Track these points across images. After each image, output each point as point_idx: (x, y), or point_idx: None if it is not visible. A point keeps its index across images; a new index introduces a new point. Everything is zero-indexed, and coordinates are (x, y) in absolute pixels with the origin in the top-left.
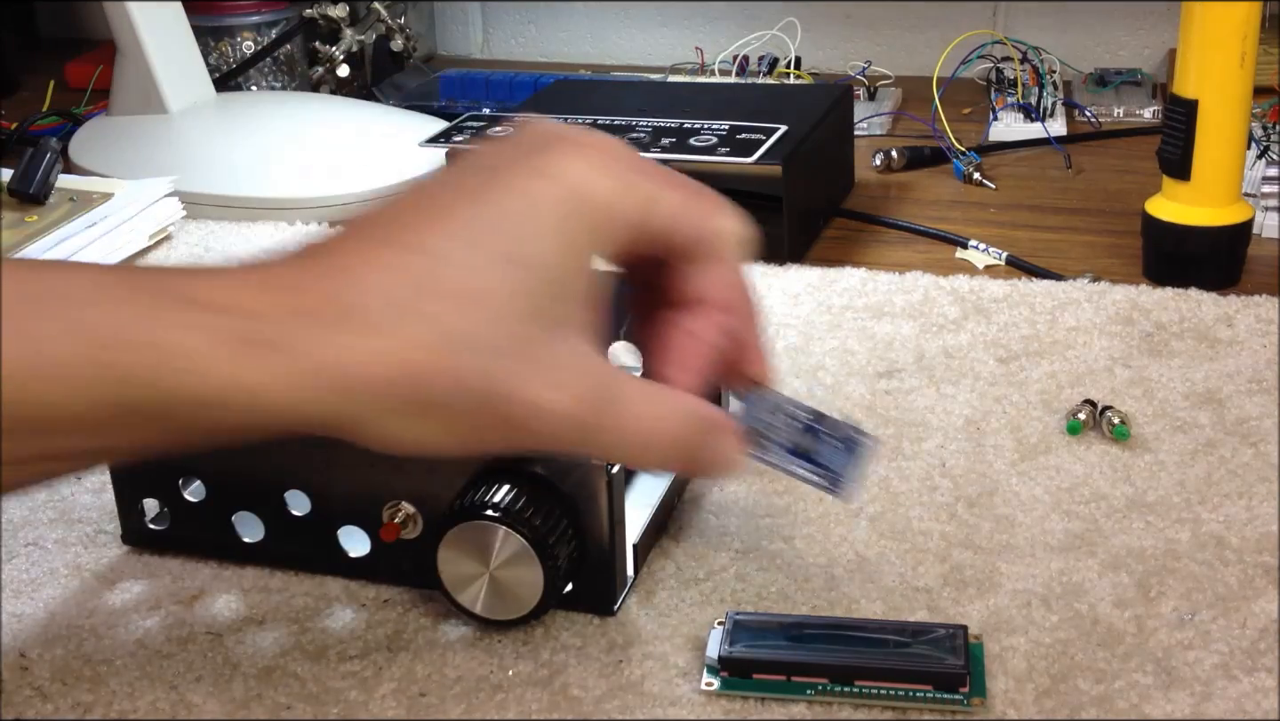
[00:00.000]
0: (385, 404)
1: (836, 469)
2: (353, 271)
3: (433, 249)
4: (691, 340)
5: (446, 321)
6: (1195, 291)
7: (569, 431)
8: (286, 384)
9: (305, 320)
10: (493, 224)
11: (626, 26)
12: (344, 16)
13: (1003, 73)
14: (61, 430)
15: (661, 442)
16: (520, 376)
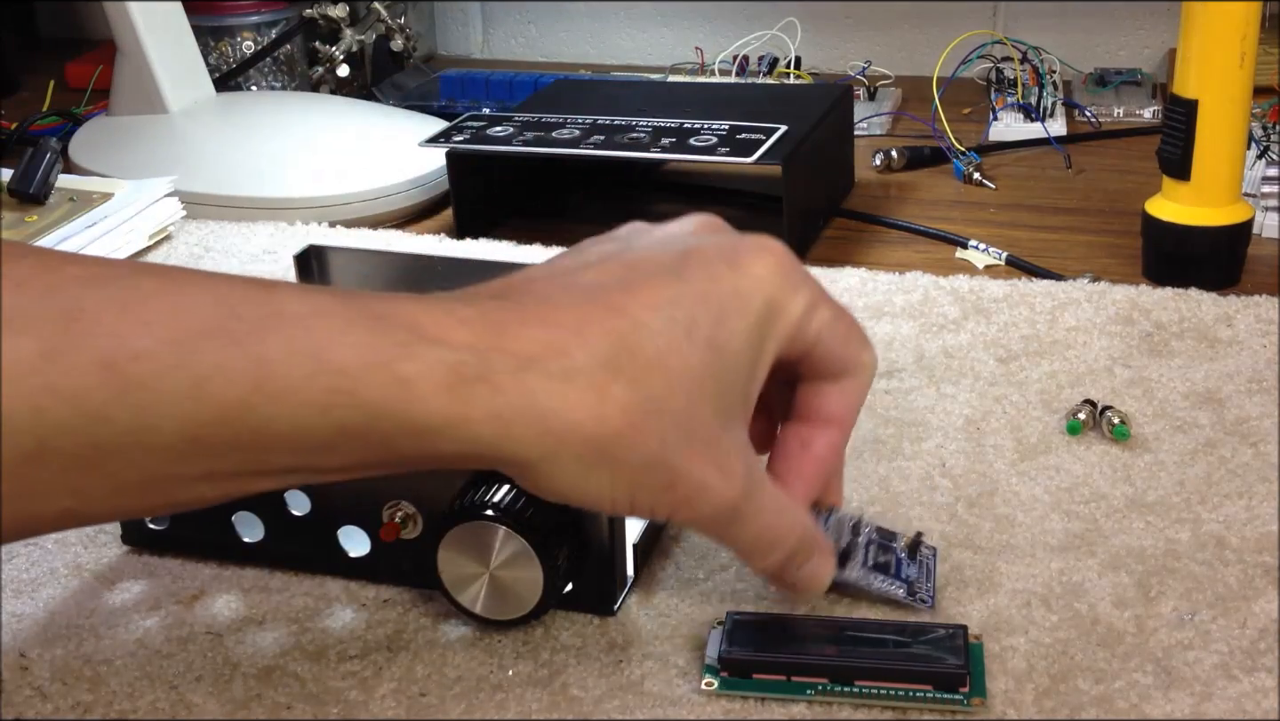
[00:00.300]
0: (571, 450)
1: (911, 579)
2: (562, 323)
3: (636, 315)
4: (812, 457)
5: (646, 388)
6: (1195, 291)
7: (718, 515)
8: (492, 418)
9: (516, 360)
10: (697, 305)
11: (626, 26)
12: (344, 16)
13: (1003, 73)
14: (281, 448)
15: (779, 550)
16: (696, 456)
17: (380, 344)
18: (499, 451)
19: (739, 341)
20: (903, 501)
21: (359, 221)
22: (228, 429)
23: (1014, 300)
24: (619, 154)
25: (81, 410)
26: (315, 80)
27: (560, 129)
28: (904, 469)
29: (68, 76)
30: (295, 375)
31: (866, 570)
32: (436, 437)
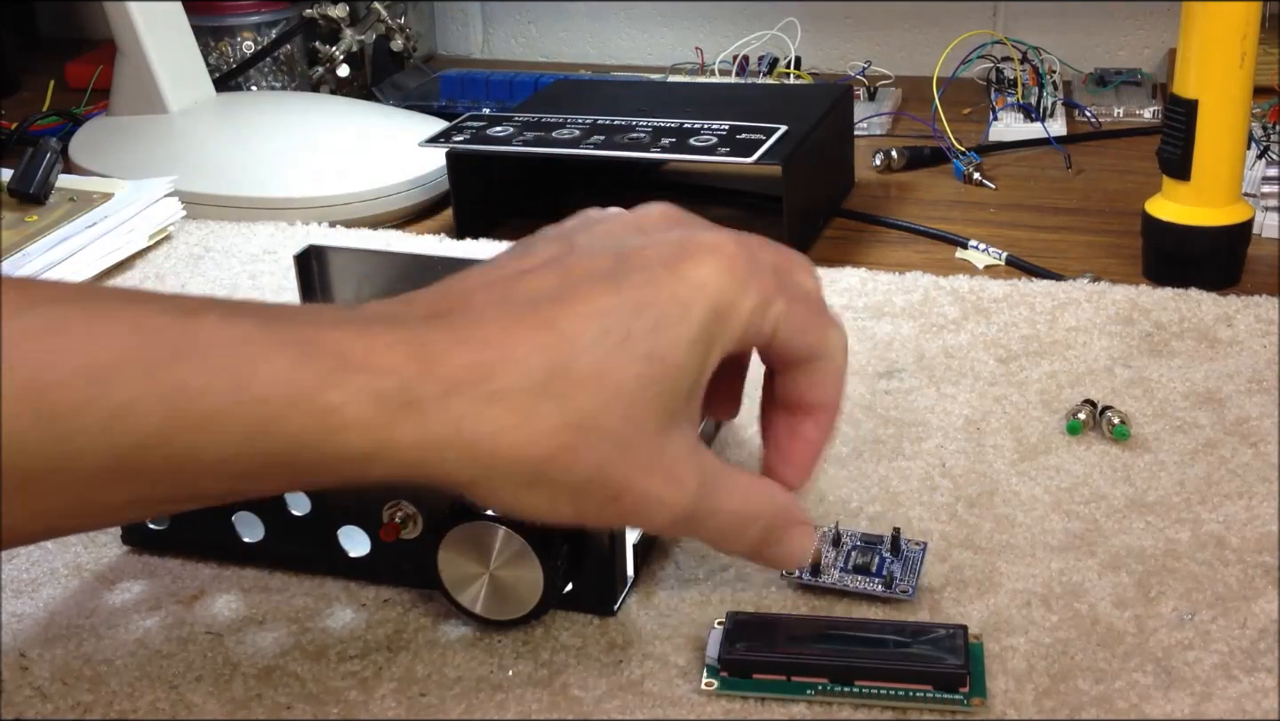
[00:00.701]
0: (509, 475)
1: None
2: (491, 343)
3: (568, 330)
4: (801, 443)
5: (577, 406)
6: (1195, 291)
7: (674, 521)
8: (424, 445)
9: (443, 386)
10: (633, 316)
11: (626, 26)
12: (344, 16)
13: (1003, 73)
14: (208, 476)
15: (747, 536)
16: (638, 469)
17: (304, 374)
18: (430, 475)
19: (680, 351)
20: (903, 501)
21: (359, 221)
22: (150, 457)
23: (1014, 300)
24: (619, 154)
25: (3, 438)
26: (315, 80)
27: (560, 129)
28: (904, 469)
29: (68, 76)
30: (216, 405)
31: (843, 573)
32: (365, 464)
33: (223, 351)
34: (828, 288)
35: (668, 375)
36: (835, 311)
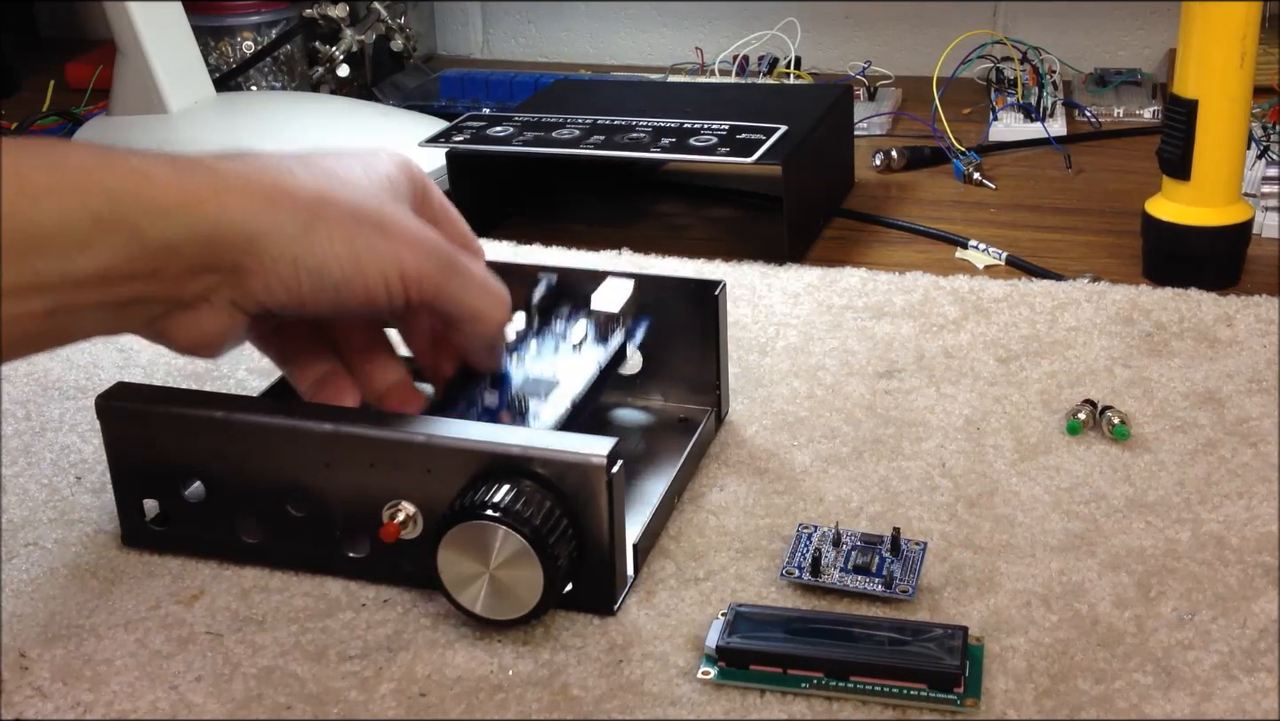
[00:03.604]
0: (286, 211)
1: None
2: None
3: (317, 164)
4: None
5: (345, 180)
6: (1195, 291)
7: (439, 258)
8: (214, 194)
9: (229, 158)
10: (352, 162)
11: (626, 26)
12: (344, 16)
13: (1003, 73)
14: (48, 250)
15: (503, 305)
16: (395, 211)
17: (113, 153)
18: (225, 229)
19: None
20: (903, 501)
21: None
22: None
23: (1014, 300)
24: (619, 154)
25: None
26: (315, 80)
27: (560, 129)
28: (904, 469)
29: (68, 76)
30: (47, 179)
31: (843, 573)
32: (172, 220)
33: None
34: (828, 287)
35: (386, 182)
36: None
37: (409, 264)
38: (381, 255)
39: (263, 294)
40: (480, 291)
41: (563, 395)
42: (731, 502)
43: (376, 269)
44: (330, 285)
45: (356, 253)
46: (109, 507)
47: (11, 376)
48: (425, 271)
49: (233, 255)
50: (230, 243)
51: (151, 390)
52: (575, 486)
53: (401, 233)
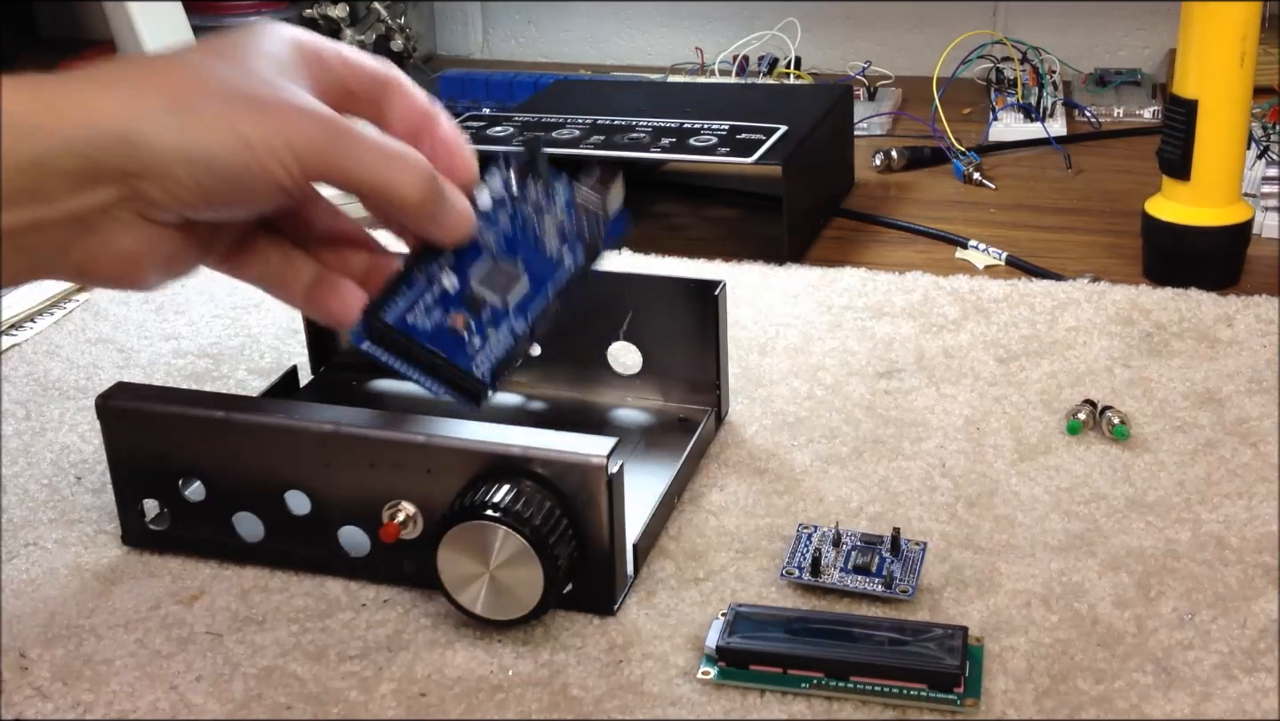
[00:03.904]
0: (156, 100)
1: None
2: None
3: (187, 52)
4: None
5: (218, 63)
6: (1195, 291)
7: (323, 134)
8: (83, 98)
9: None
10: (227, 44)
11: (626, 26)
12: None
13: (1003, 73)
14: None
15: (406, 163)
16: (279, 87)
17: None
18: (96, 133)
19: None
20: (903, 501)
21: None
22: None
23: (1014, 300)
24: (619, 154)
25: None
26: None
27: (560, 129)
28: (904, 469)
29: None
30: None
31: (843, 573)
32: (37, 132)
33: None
34: (828, 287)
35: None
36: None
37: (298, 139)
38: (267, 133)
39: (164, 198)
40: (382, 159)
41: (523, 303)
42: (731, 502)
43: (265, 148)
44: (226, 174)
45: (240, 135)
46: (109, 507)
47: (11, 376)
48: (316, 144)
49: (114, 160)
50: (106, 147)
51: (151, 390)
52: (575, 486)
53: (283, 107)
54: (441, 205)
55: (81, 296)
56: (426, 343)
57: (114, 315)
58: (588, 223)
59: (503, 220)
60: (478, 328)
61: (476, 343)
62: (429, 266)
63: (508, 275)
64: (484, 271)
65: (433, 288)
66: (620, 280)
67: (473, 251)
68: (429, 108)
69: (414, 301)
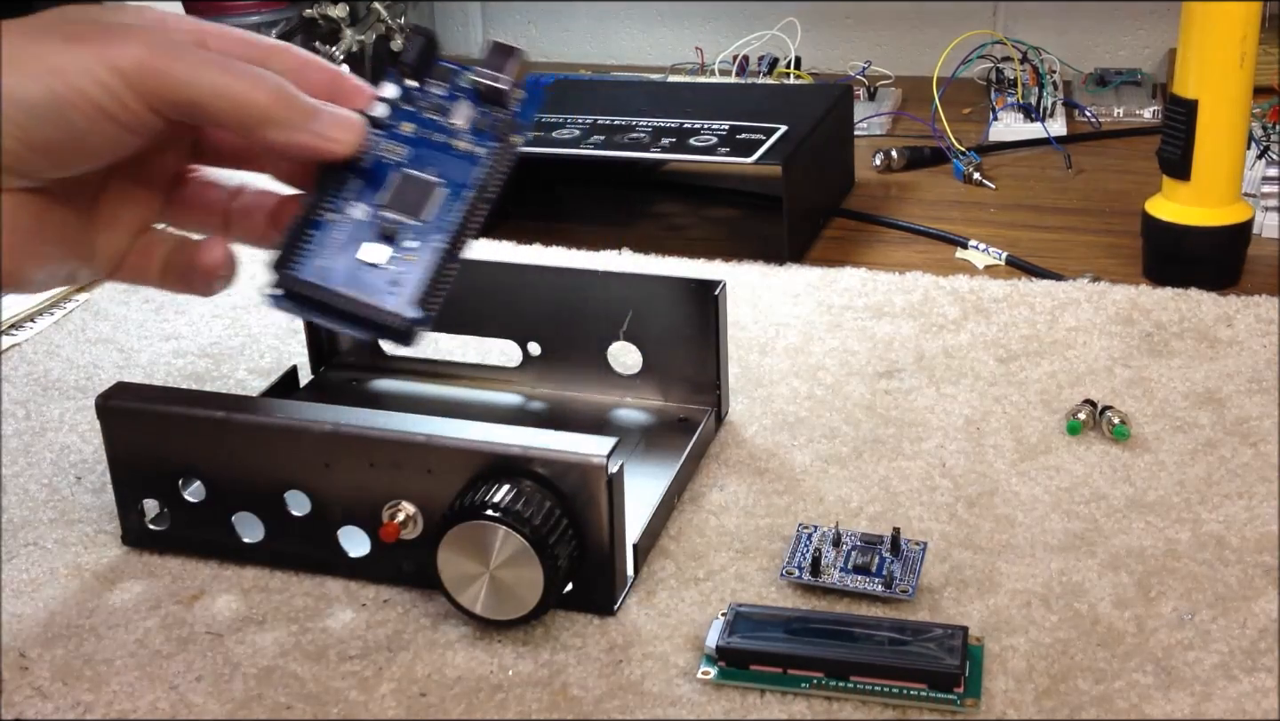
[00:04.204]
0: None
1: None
2: None
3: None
4: None
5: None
6: (1195, 291)
7: (152, 51)
8: None
9: None
10: None
11: (626, 26)
12: (344, 16)
13: (1003, 73)
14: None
15: (250, 71)
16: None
17: None
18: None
19: None
20: (903, 501)
21: None
22: None
23: (1014, 300)
24: (619, 154)
25: None
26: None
27: (560, 129)
28: (904, 469)
29: None
30: None
31: (843, 573)
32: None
33: None
34: (828, 287)
35: None
36: None
37: (122, 60)
38: (87, 61)
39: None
40: (222, 69)
41: (441, 213)
42: (731, 502)
43: (84, 76)
44: (46, 114)
45: (51, 65)
46: (109, 507)
47: (11, 376)
48: (145, 63)
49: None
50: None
51: (151, 390)
52: (575, 486)
53: (103, 33)
54: (306, 112)
55: (81, 296)
56: (343, 287)
57: (114, 315)
58: (497, 109)
59: (405, 129)
60: (396, 255)
61: (396, 271)
62: (333, 200)
63: (421, 188)
64: (393, 190)
65: (341, 224)
66: (620, 280)
67: (378, 171)
68: (308, 55)
69: (323, 244)
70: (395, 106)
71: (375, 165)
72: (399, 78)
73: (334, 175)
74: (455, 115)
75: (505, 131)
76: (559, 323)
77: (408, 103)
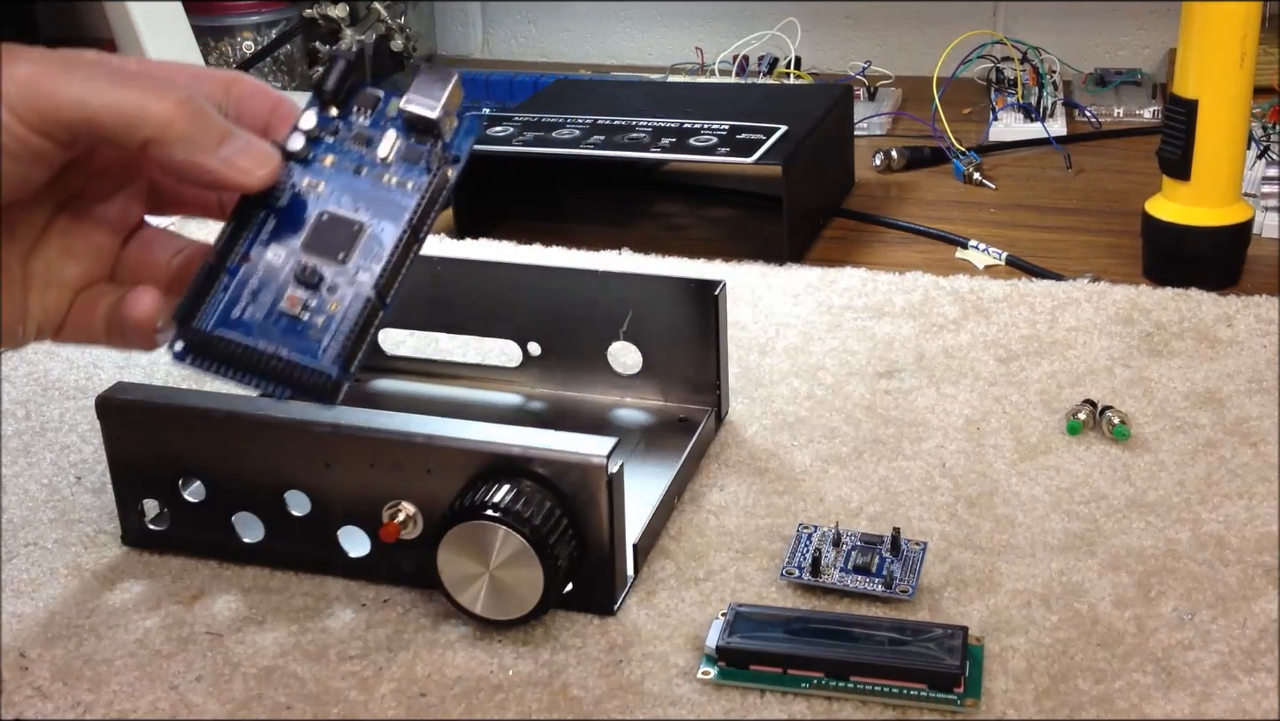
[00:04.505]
0: None
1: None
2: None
3: None
4: None
5: None
6: (1195, 291)
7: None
8: None
9: None
10: None
11: (626, 26)
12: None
13: (1003, 73)
14: None
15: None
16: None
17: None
18: None
19: None
20: (903, 501)
21: None
22: None
23: (1014, 300)
24: (619, 154)
25: None
26: (315, 80)
27: (560, 129)
28: (904, 469)
29: None
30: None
31: (843, 573)
32: None
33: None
34: (828, 287)
35: None
36: None
37: (7, 80)
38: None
39: None
40: (122, 81)
41: (365, 263)
42: (731, 502)
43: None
44: None
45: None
46: (109, 507)
47: (11, 376)
48: (29, 79)
49: None
50: None
51: (151, 390)
52: (575, 486)
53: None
54: (214, 134)
55: None
56: (257, 341)
57: None
58: (430, 139)
59: (325, 162)
60: (317, 304)
61: (318, 323)
62: (245, 244)
63: (345, 228)
64: (313, 230)
65: (253, 268)
66: (620, 280)
67: (296, 209)
68: (259, 85)
69: (234, 293)
70: (315, 139)
71: (293, 202)
72: (320, 106)
73: (249, 213)
74: (381, 146)
75: (436, 164)
76: (559, 322)
77: (329, 133)
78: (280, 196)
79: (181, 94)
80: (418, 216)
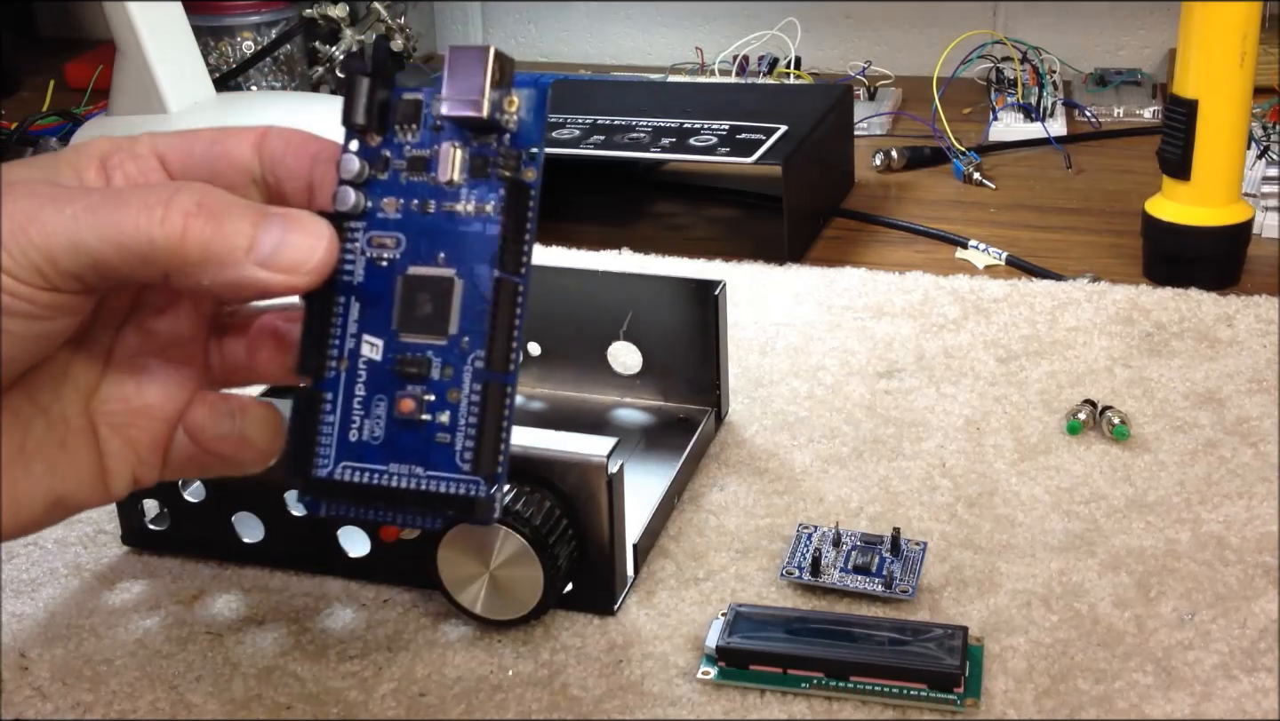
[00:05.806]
0: None
1: (892, 574)
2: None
3: None
4: None
5: None
6: (1195, 291)
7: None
8: None
9: None
10: None
11: (626, 26)
12: (344, 16)
13: (1003, 73)
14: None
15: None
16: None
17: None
18: None
19: None
20: (903, 501)
21: None
22: None
23: (1014, 300)
24: (619, 154)
25: None
26: (315, 80)
27: (560, 129)
28: (904, 469)
29: (68, 76)
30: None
31: (843, 573)
32: None
33: None
34: (828, 287)
35: None
36: None
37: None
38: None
39: None
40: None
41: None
42: (731, 502)
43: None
44: None
45: None
46: (109, 507)
47: None
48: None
49: None
50: None
51: None
52: (575, 486)
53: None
54: (238, 239)
55: None
56: (388, 466)
57: None
58: (492, 137)
59: (386, 209)
60: (435, 400)
61: (444, 421)
62: (334, 347)
63: (434, 288)
64: (402, 303)
65: (354, 373)
66: (620, 280)
67: (375, 280)
68: (294, 134)
69: (340, 418)
70: (365, 182)
71: (369, 273)
72: (358, 140)
73: (324, 305)
74: (442, 168)
75: (510, 165)
76: (559, 322)
77: (378, 169)
78: (353, 270)
79: (187, 199)
80: (507, 238)
